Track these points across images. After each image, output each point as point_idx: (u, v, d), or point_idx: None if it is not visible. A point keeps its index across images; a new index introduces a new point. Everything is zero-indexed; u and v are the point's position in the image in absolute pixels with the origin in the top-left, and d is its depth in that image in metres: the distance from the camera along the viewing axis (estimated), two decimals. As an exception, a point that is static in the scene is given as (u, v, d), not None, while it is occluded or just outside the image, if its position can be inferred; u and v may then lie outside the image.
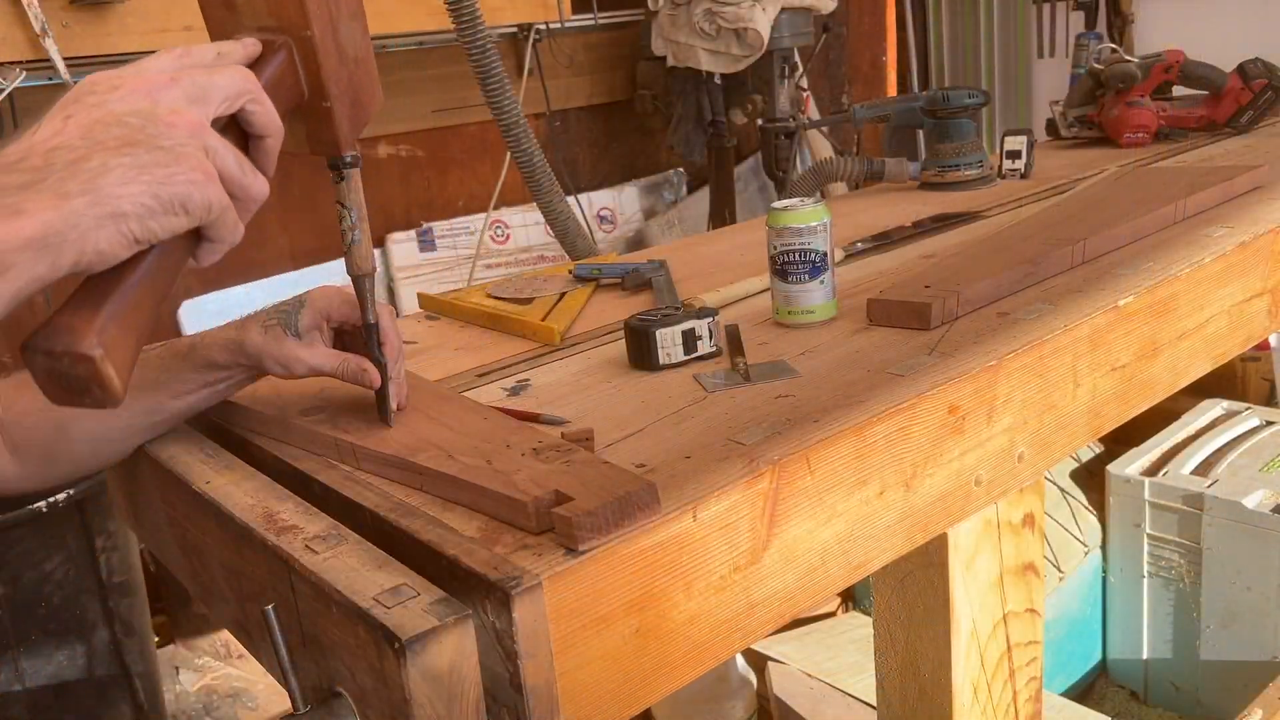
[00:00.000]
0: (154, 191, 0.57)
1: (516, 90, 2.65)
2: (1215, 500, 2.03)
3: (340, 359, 0.86)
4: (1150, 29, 3.37)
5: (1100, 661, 2.33)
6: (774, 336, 1.06)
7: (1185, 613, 2.15)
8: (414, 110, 2.93)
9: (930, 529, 0.89)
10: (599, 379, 0.99)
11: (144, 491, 0.98)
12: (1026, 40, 3.68)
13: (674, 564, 0.70)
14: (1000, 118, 3.77)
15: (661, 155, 3.59)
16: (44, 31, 2.14)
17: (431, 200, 3.08)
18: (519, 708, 0.64)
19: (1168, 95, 2.11)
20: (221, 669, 2.39)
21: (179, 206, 0.59)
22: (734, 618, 0.75)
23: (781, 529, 0.76)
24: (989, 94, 1.76)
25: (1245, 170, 1.46)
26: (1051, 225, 1.29)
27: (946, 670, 0.99)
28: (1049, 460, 1.01)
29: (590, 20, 3.28)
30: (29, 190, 0.55)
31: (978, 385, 0.90)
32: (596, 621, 0.66)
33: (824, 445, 0.78)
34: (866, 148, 3.50)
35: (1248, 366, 2.68)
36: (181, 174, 0.59)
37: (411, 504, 0.75)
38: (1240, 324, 1.24)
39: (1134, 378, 1.08)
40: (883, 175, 1.77)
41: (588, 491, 0.68)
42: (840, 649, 2.03)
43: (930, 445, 0.86)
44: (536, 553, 0.66)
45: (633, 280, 1.31)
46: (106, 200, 0.56)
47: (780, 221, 1.05)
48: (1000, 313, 1.04)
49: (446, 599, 0.64)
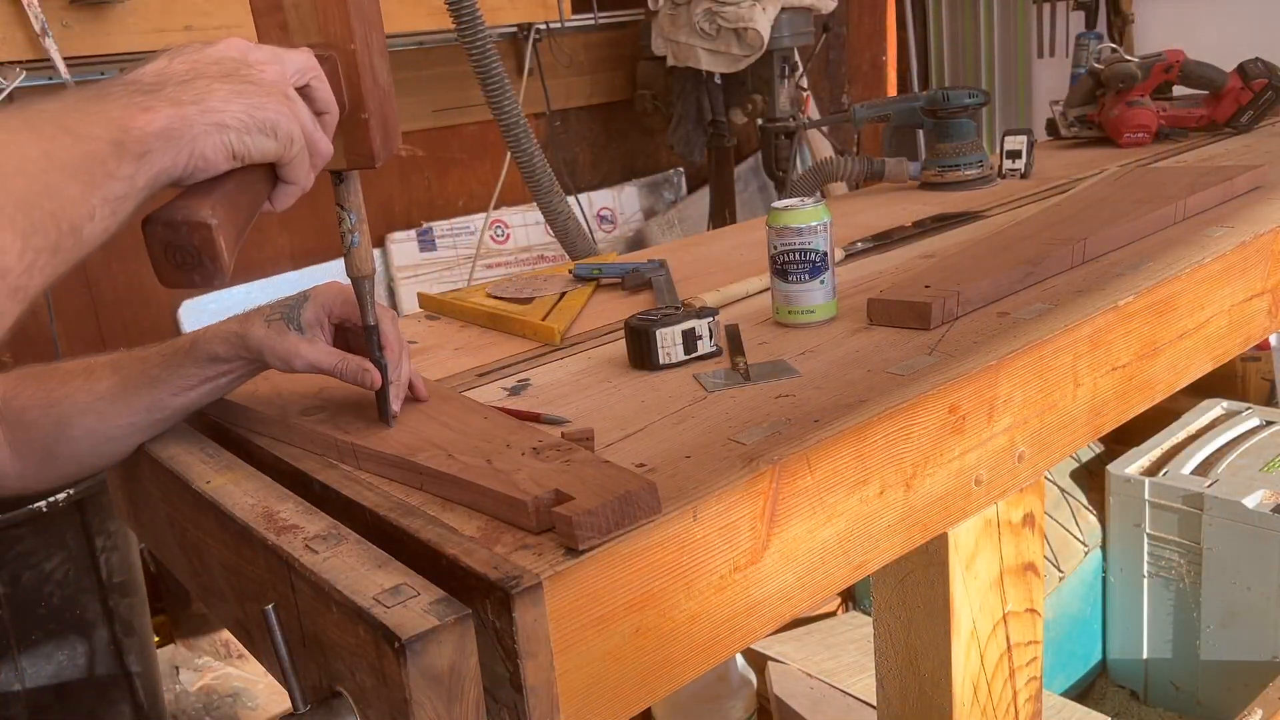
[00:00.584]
0: (250, 112, 0.66)
1: (516, 90, 2.66)
2: (1215, 500, 2.03)
3: (340, 357, 0.86)
4: (1150, 29, 3.37)
5: (1100, 661, 2.33)
6: (774, 336, 1.06)
7: (1185, 613, 2.15)
8: (414, 110, 2.93)
9: (930, 529, 0.89)
10: (599, 379, 0.99)
11: (144, 491, 0.98)
12: (1026, 40, 3.68)
13: (674, 564, 0.70)
14: (1000, 118, 3.77)
15: (661, 155, 3.59)
16: (44, 31, 2.14)
17: (432, 200, 3.08)
18: (519, 707, 0.64)
19: (1168, 95, 2.10)
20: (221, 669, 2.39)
21: (270, 129, 0.68)
22: (734, 618, 0.75)
23: (781, 529, 0.76)
24: (989, 94, 1.76)
25: (1245, 170, 1.46)
26: (1051, 225, 1.29)
27: (946, 670, 0.99)
28: (1049, 460, 1.01)
29: (590, 20, 3.28)
30: (151, 95, 0.64)
31: (978, 385, 0.90)
32: (596, 621, 0.66)
33: (824, 445, 0.78)
34: (866, 147, 3.50)
35: (1248, 366, 2.68)
36: (272, 104, 0.68)
37: (411, 504, 0.75)
38: (1240, 324, 1.24)
39: (1134, 378, 1.08)
40: (883, 175, 1.77)
41: (588, 491, 0.68)
42: (840, 649, 2.03)
43: (930, 445, 0.86)
44: (537, 553, 0.66)
45: (633, 280, 1.31)
46: (212, 111, 0.65)
47: (780, 221, 1.05)
48: (1000, 313, 1.04)
49: (446, 599, 0.64)
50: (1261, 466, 2.10)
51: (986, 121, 3.66)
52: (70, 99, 0.63)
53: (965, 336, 0.98)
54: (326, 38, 0.76)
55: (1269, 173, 1.49)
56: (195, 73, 0.67)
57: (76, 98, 0.63)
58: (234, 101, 0.66)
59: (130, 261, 2.52)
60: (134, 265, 2.52)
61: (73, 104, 0.62)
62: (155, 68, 0.67)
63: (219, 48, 0.70)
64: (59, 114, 0.61)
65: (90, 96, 0.63)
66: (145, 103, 0.63)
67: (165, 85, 0.65)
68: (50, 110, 0.61)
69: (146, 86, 0.65)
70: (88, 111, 0.61)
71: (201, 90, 0.66)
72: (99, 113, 0.61)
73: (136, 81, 0.65)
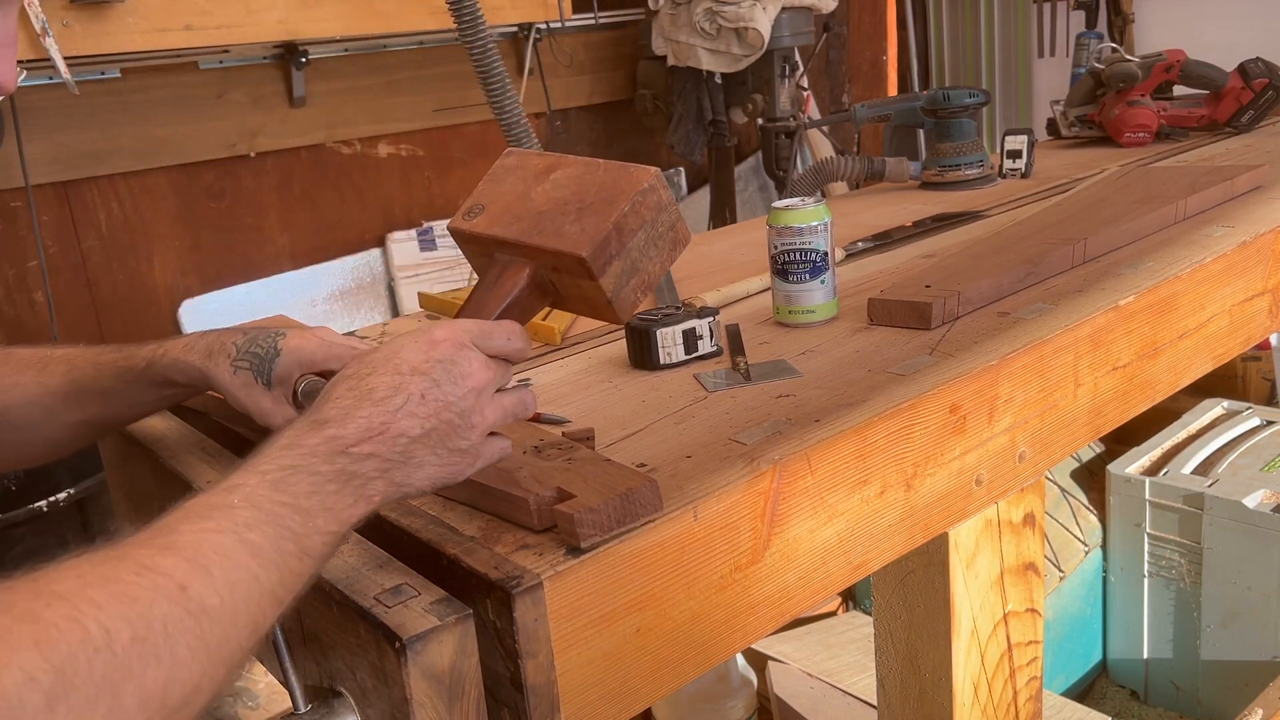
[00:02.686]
0: (434, 482, 0.65)
1: (517, 90, 2.65)
2: (1216, 500, 2.03)
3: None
4: (1150, 29, 3.37)
5: (1100, 661, 2.32)
6: (774, 336, 1.06)
7: (1185, 612, 2.14)
8: (415, 109, 2.93)
9: (931, 528, 0.89)
10: (599, 379, 0.99)
11: (144, 491, 0.98)
12: (1027, 40, 3.68)
13: (675, 563, 0.70)
14: (1001, 117, 3.77)
15: (662, 155, 3.58)
16: (44, 31, 2.14)
17: (432, 199, 3.08)
18: (519, 707, 0.63)
19: (1168, 95, 2.10)
20: (222, 668, 2.38)
21: (441, 485, 0.66)
22: (734, 618, 0.74)
23: (782, 529, 0.76)
24: (989, 94, 1.76)
25: (1246, 170, 1.45)
26: (1052, 225, 1.29)
27: (947, 670, 0.99)
28: (1050, 460, 1.01)
29: (591, 20, 3.28)
30: (378, 480, 0.62)
31: (978, 385, 0.90)
32: (597, 621, 0.66)
33: (825, 445, 0.78)
34: (867, 147, 3.50)
35: (1248, 366, 2.68)
36: (461, 469, 0.66)
37: (411, 504, 0.75)
38: (1241, 323, 1.24)
39: (1135, 377, 1.08)
40: (883, 175, 1.77)
41: (590, 489, 0.68)
42: (840, 649, 2.03)
43: (931, 445, 0.86)
44: (537, 552, 0.66)
45: (633, 280, 1.31)
46: (408, 487, 0.64)
47: (781, 221, 1.05)
48: (1001, 312, 1.04)
49: (447, 598, 0.64)
50: (1262, 466, 2.10)
51: (987, 121, 3.66)
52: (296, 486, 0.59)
53: (966, 336, 0.98)
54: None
55: (1269, 173, 1.49)
56: (425, 430, 0.63)
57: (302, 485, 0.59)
58: (430, 478, 0.64)
59: (130, 261, 2.52)
60: (134, 265, 2.53)
61: (301, 499, 0.59)
62: (403, 411, 0.63)
63: (463, 384, 0.65)
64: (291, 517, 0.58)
65: (311, 483, 0.60)
66: (361, 495, 0.61)
67: (393, 460, 0.62)
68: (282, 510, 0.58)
69: (378, 464, 0.62)
70: (311, 517, 0.59)
71: (415, 466, 0.63)
72: (324, 516, 0.59)
73: (347, 452, 0.61)
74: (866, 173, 1.76)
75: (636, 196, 0.71)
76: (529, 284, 0.73)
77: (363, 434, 0.62)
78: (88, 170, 2.40)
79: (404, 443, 0.63)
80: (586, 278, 0.70)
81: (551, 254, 0.71)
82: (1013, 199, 1.60)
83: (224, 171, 2.62)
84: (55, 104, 2.29)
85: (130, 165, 2.46)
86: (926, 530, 0.89)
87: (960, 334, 0.99)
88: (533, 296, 0.74)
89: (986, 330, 0.99)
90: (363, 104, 2.81)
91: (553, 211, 0.73)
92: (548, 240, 0.71)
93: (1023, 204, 1.56)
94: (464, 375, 0.65)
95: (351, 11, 2.49)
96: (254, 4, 2.36)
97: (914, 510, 0.86)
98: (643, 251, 0.72)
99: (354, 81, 2.78)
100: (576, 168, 0.76)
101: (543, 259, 0.72)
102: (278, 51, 2.60)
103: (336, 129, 2.78)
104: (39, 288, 2.36)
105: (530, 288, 0.73)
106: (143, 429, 1.00)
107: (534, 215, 0.74)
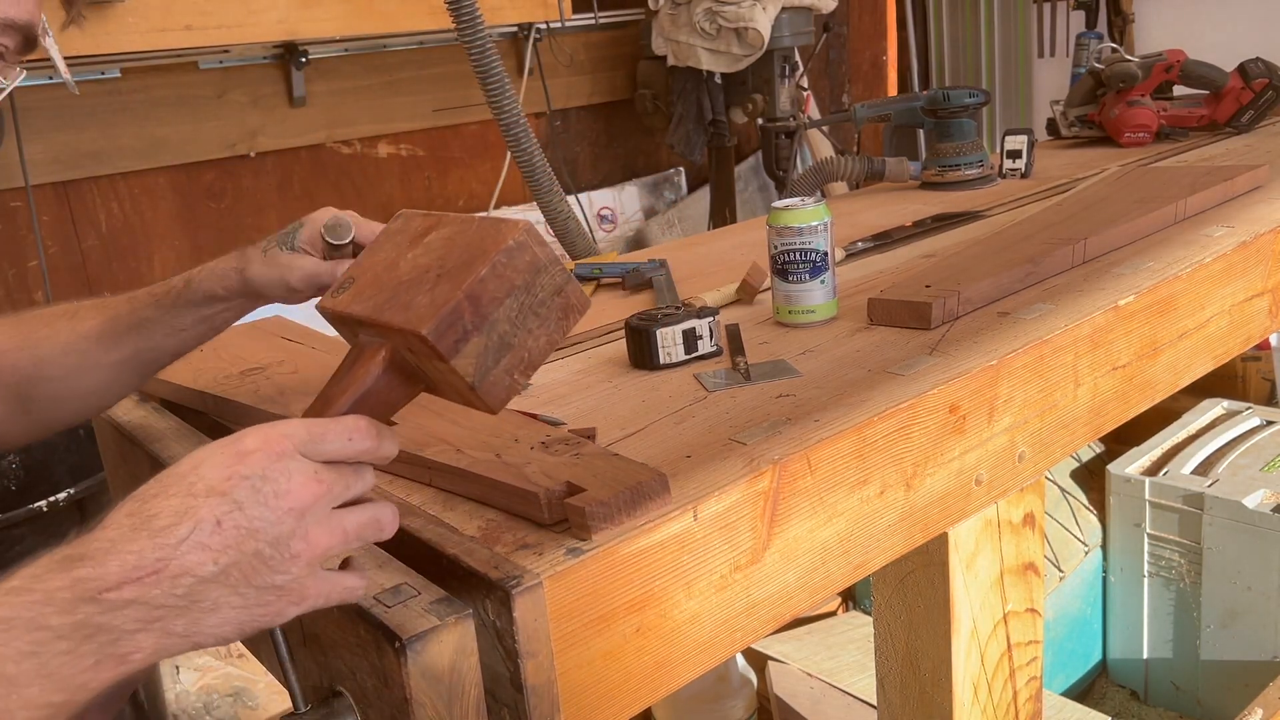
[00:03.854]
0: (240, 628, 0.54)
1: (517, 89, 2.66)
2: (1215, 500, 2.03)
3: (335, 263, 0.86)
4: (1150, 29, 3.37)
5: (1100, 661, 2.32)
6: (774, 336, 1.06)
7: (1185, 612, 2.14)
8: (414, 109, 2.93)
9: (931, 528, 0.89)
10: (599, 378, 0.99)
11: (144, 491, 0.98)
12: (1027, 40, 3.68)
13: (675, 563, 0.70)
14: (1000, 117, 3.77)
15: (662, 155, 3.58)
16: (44, 31, 2.14)
17: (432, 199, 3.08)
18: (519, 707, 0.63)
19: (1168, 95, 2.10)
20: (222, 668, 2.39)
21: (250, 632, 0.56)
22: (734, 617, 0.74)
23: (782, 528, 0.76)
24: (989, 93, 1.76)
25: (1246, 170, 1.45)
26: (1052, 225, 1.29)
27: (947, 670, 0.99)
28: (1050, 460, 1.01)
29: (590, 20, 3.27)
30: (141, 634, 0.51)
31: (978, 385, 0.90)
32: (597, 621, 0.66)
33: (825, 445, 0.78)
34: (867, 147, 3.50)
35: (1248, 366, 2.68)
36: (279, 609, 0.55)
37: (412, 503, 0.75)
38: (1240, 323, 1.24)
39: (1134, 377, 1.08)
40: (883, 175, 1.77)
41: (599, 482, 0.68)
42: (840, 649, 2.03)
43: (931, 445, 0.86)
44: (537, 552, 0.66)
45: (633, 280, 1.31)
46: (198, 637, 0.53)
47: (781, 221, 1.05)
48: (1001, 312, 1.04)
49: (447, 598, 0.64)
50: (1262, 466, 2.10)
51: (987, 121, 3.66)
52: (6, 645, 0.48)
53: (966, 336, 0.98)
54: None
55: (1269, 173, 1.49)
56: (218, 568, 0.52)
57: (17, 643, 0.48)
58: (230, 623, 0.53)
59: (130, 261, 2.52)
60: (134, 265, 2.53)
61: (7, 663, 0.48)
62: (188, 544, 0.52)
63: (277, 506, 0.54)
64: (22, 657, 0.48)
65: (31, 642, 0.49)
66: (126, 653, 0.50)
67: (168, 604, 0.51)
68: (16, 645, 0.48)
69: (145, 612, 0.51)
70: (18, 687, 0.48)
71: (204, 610, 0.52)
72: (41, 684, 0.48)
73: (97, 599, 0.50)
74: (866, 173, 1.76)
75: (499, 257, 0.59)
76: (386, 369, 0.62)
77: (126, 575, 0.50)
78: (88, 170, 2.40)
79: (188, 583, 0.51)
80: (437, 358, 0.58)
81: (398, 332, 0.60)
82: (1013, 199, 1.60)
83: (224, 171, 2.62)
84: (55, 104, 2.29)
85: (130, 165, 2.46)
86: (926, 530, 0.89)
87: (960, 334, 0.99)
88: (393, 384, 0.62)
89: (986, 330, 0.99)
90: (363, 104, 2.81)
91: (412, 281, 0.61)
92: (395, 316, 0.60)
93: (1023, 204, 1.56)
94: (278, 494, 0.54)
95: (351, 11, 2.49)
96: (254, 4, 2.36)
97: (914, 510, 0.86)
98: (515, 323, 0.60)
99: (354, 81, 2.78)
100: (452, 227, 0.64)
101: (398, 339, 0.61)
102: (278, 51, 2.60)
103: (336, 129, 2.78)
104: (39, 288, 2.36)
105: (389, 374, 0.62)
106: (142, 428, 1.00)
107: (394, 286, 0.62)
